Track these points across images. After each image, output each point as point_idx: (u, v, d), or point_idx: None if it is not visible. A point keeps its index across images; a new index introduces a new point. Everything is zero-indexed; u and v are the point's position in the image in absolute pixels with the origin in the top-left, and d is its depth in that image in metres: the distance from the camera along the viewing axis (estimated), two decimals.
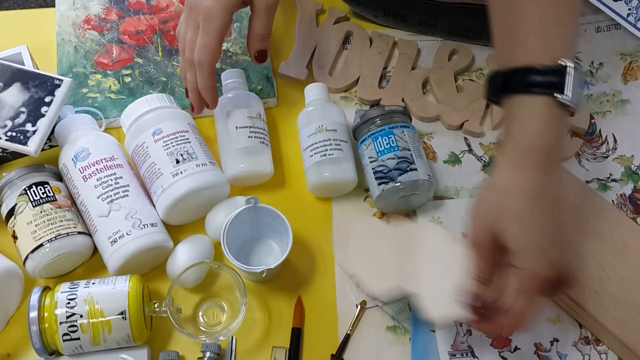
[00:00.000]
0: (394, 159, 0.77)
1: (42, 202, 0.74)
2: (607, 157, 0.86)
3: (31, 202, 0.74)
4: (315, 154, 0.80)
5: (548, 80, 0.61)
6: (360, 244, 0.76)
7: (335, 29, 0.95)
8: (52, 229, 0.72)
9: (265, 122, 0.84)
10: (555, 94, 0.61)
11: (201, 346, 0.72)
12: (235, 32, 0.94)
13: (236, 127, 0.80)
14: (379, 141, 0.79)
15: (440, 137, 0.88)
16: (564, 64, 0.61)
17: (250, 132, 0.80)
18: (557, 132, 0.63)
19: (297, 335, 0.74)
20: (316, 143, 0.80)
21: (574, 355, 0.73)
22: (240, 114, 0.81)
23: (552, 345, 0.74)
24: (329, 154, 0.79)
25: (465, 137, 0.88)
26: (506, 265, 0.63)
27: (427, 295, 0.70)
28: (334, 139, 0.80)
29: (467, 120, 0.87)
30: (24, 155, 0.83)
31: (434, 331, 0.74)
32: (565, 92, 0.61)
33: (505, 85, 0.64)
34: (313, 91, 0.86)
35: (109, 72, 0.90)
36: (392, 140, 0.78)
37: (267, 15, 0.76)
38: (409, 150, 0.78)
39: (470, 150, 0.87)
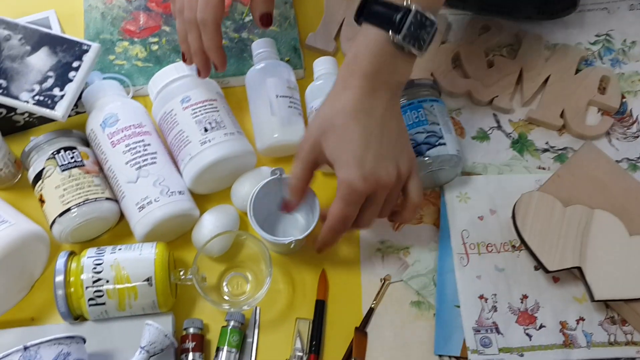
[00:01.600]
0: (422, 132, 0.76)
1: (70, 166, 0.74)
2: (637, 136, 0.85)
3: (59, 166, 0.74)
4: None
5: (387, 15, 0.64)
6: (537, 216, 0.75)
7: None
8: (80, 193, 0.72)
9: (298, 92, 0.84)
10: (389, 31, 0.64)
11: (225, 315, 0.72)
12: None
13: (277, 96, 0.79)
14: (408, 114, 0.78)
15: (468, 113, 0.87)
16: (408, 5, 0.63)
17: (290, 102, 0.80)
18: (386, 63, 0.65)
19: (320, 307, 0.74)
20: None
21: (599, 335, 0.73)
22: (280, 84, 0.81)
23: (577, 324, 0.73)
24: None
25: (494, 114, 0.87)
26: None
27: (593, 271, 0.72)
28: None
29: (497, 97, 0.86)
30: (51, 120, 0.83)
31: (459, 307, 0.74)
32: (398, 32, 0.63)
33: (359, 10, 0.67)
34: (322, 65, 0.85)
35: (135, 39, 0.89)
36: (420, 114, 0.78)
37: None
38: (438, 124, 0.77)
39: (499, 127, 0.86)
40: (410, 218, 0.71)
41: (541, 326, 0.73)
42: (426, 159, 0.75)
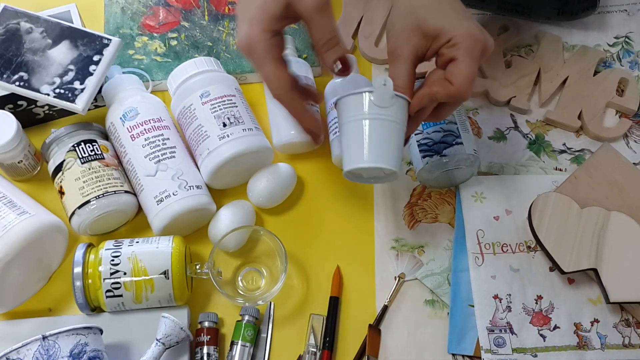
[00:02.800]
0: (439, 132, 0.77)
1: (90, 159, 0.74)
2: None
3: (80, 158, 0.74)
4: (331, 131, 0.80)
5: None
6: (554, 217, 0.75)
7: None
8: (99, 186, 0.73)
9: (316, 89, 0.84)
10: None
11: (240, 310, 0.73)
12: None
13: None
14: None
15: (486, 113, 0.87)
16: None
17: None
18: None
19: (334, 303, 0.74)
20: (334, 119, 0.80)
21: (614, 337, 0.73)
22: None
23: (592, 325, 0.73)
24: (337, 131, 0.79)
25: (511, 114, 0.87)
26: (438, 58, 0.65)
27: (609, 273, 0.72)
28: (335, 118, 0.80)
29: (515, 97, 0.86)
30: (71, 113, 0.84)
31: (473, 306, 0.74)
32: None
33: None
34: None
35: (155, 34, 0.90)
36: None
37: (321, 18, 0.63)
38: (455, 123, 0.77)
39: (516, 127, 0.86)
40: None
41: (555, 327, 0.73)
42: (443, 158, 0.75)
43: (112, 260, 0.69)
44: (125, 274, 0.69)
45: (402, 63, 0.65)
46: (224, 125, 0.75)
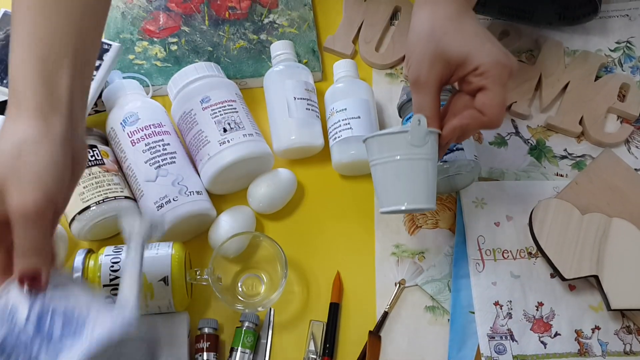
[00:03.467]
0: None
1: (90, 164, 0.74)
2: None
3: None
4: (331, 136, 0.80)
5: None
6: (555, 223, 0.75)
7: (383, 4, 0.94)
8: (100, 192, 0.73)
9: (316, 95, 0.84)
10: None
11: (239, 316, 0.72)
12: (282, 3, 0.93)
13: (295, 98, 0.80)
14: None
15: None
16: None
17: (307, 104, 0.80)
18: None
19: (335, 310, 0.74)
20: (334, 124, 0.80)
21: (615, 344, 0.72)
22: (298, 86, 0.81)
23: (593, 332, 0.73)
24: (337, 136, 0.79)
25: (512, 119, 0.87)
26: (463, 84, 0.64)
27: (610, 280, 0.72)
28: (342, 120, 0.79)
29: (515, 102, 0.86)
30: None
31: (473, 313, 0.74)
32: None
33: None
34: (342, 67, 0.85)
35: (155, 39, 0.90)
36: None
37: (25, 227, 0.49)
38: None
39: (517, 133, 0.86)
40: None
41: (556, 334, 0.73)
42: (443, 164, 0.75)
43: (112, 266, 0.69)
44: None
45: (427, 93, 0.63)
46: (225, 130, 0.75)
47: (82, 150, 0.56)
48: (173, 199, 0.73)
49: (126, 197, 0.75)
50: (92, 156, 0.75)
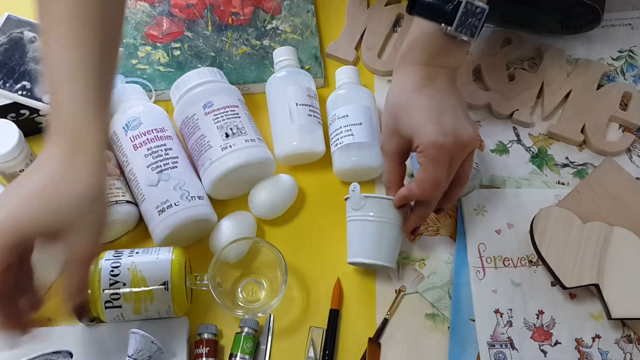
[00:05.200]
0: None
1: None
2: None
3: None
4: (332, 142, 0.81)
5: (438, 8, 0.65)
6: (556, 231, 0.75)
7: (386, 11, 0.94)
8: None
9: (318, 101, 0.84)
10: (442, 23, 0.66)
11: (239, 321, 0.72)
12: (285, 9, 0.94)
13: (297, 104, 0.80)
14: None
15: (488, 126, 0.87)
16: None
17: (309, 110, 0.80)
18: (440, 51, 0.68)
19: (334, 316, 0.74)
20: (335, 131, 0.80)
21: (615, 353, 0.72)
22: (301, 92, 0.81)
23: (593, 341, 0.73)
24: (339, 143, 0.79)
25: (514, 127, 0.87)
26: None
27: (611, 289, 0.72)
28: (343, 126, 0.80)
29: (517, 110, 0.86)
30: None
31: (474, 320, 0.73)
32: (450, 24, 0.65)
33: (411, 2, 0.66)
34: (344, 74, 0.85)
35: (158, 44, 0.90)
36: None
37: (80, 268, 0.57)
38: None
39: (519, 141, 0.86)
40: (454, 199, 0.72)
41: (556, 343, 0.72)
42: None
43: (112, 270, 0.69)
44: (124, 284, 0.68)
45: (387, 160, 0.72)
46: (227, 135, 0.75)
47: None
48: (174, 204, 0.73)
49: (127, 202, 0.75)
50: None
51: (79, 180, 0.54)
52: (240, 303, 0.75)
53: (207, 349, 0.70)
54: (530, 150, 0.85)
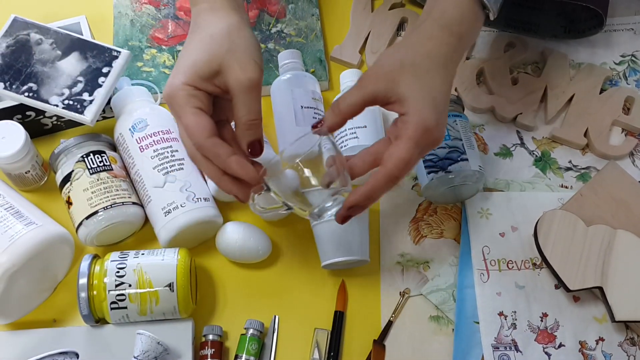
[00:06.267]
0: (444, 148, 0.77)
1: (99, 170, 0.75)
2: None
3: (88, 169, 0.75)
4: (338, 144, 0.81)
5: None
6: (559, 234, 0.75)
7: (390, 14, 0.95)
8: (108, 197, 0.73)
9: (323, 104, 0.84)
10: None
11: (244, 323, 0.72)
12: (289, 13, 0.94)
13: (302, 107, 0.80)
14: None
15: (492, 129, 0.87)
16: None
17: (314, 113, 0.80)
18: (471, 26, 0.66)
19: (339, 318, 0.74)
20: (339, 134, 0.81)
21: (619, 356, 0.72)
22: (306, 95, 0.81)
23: (597, 344, 0.73)
24: (344, 145, 0.79)
25: (517, 130, 0.87)
26: (394, 123, 0.64)
27: (615, 292, 0.72)
28: (348, 128, 0.80)
29: (521, 114, 0.86)
30: (78, 124, 0.84)
31: (478, 323, 0.74)
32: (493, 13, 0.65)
33: None
34: (349, 77, 0.85)
35: (163, 47, 0.90)
36: None
37: (249, 98, 0.61)
38: (461, 140, 0.77)
39: (522, 144, 0.86)
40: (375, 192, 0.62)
41: (560, 345, 0.73)
42: (448, 174, 0.75)
43: (118, 272, 0.69)
44: (130, 285, 0.69)
45: (358, 89, 0.63)
46: None
47: None
48: (181, 205, 0.73)
49: (134, 203, 0.75)
50: (100, 162, 0.75)
51: (222, 24, 0.62)
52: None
53: (213, 350, 0.71)
54: (533, 153, 0.85)
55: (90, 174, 0.74)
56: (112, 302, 0.69)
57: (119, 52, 0.80)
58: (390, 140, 0.64)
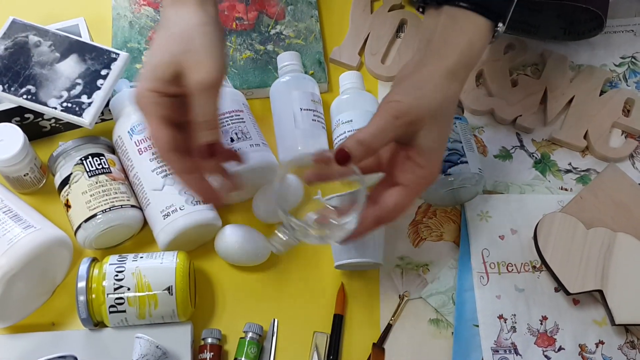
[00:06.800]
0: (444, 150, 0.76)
1: (97, 173, 0.75)
2: None
3: (87, 172, 0.74)
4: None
5: (502, 6, 0.64)
6: (559, 237, 0.75)
7: (390, 16, 0.95)
8: (106, 200, 0.73)
9: (322, 106, 0.84)
10: (499, 22, 0.64)
11: (243, 326, 0.72)
12: (288, 15, 0.94)
13: (301, 109, 0.80)
14: None
15: (491, 131, 0.87)
16: None
17: (313, 115, 0.80)
18: (478, 55, 0.64)
19: (338, 321, 0.74)
20: (339, 136, 0.81)
21: (618, 359, 0.72)
22: (305, 97, 0.81)
23: (597, 347, 0.73)
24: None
25: (517, 133, 0.87)
26: (403, 160, 0.63)
27: (615, 295, 0.72)
28: (348, 131, 0.80)
29: (521, 116, 0.86)
30: (77, 126, 0.84)
31: (477, 326, 0.73)
32: (504, 23, 0.64)
33: None
34: (348, 79, 0.85)
35: None
36: None
37: (204, 99, 0.59)
38: (460, 142, 0.77)
39: (522, 146, 0.86)
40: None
41: (560, 348, 0.73)
42: (448, 176, 0.75)
43: (116, 275, 0.69)
44: (129, 289, 0.69)
45: (381, 120, 0.60)
46: (232, 140, 0.75)
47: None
48: (179, 208, 0.73)
49: (132, 206, 0.75)
50: (98, 164, 0.75)
51: (183, 23, 0.61)
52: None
53: (211, 353, 0.70)
54: (533, 156, 0.85)
55: (89, 176, 0.74)
56: (111, 306, 0.69)
57: (118, 54, 0.80)
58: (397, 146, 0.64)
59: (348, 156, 0.59)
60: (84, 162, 0.75)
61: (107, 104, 0.81)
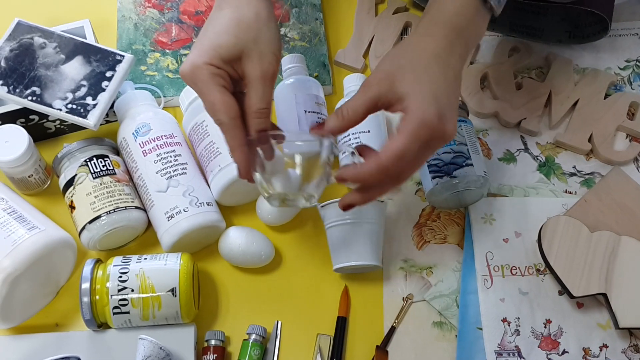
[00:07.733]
0: (449, 153, 0.76)
1: (102, 174, 0.75)
2: None
3: (91, 173, 0.74)
4: (340, 150, 0.80)
5: None
6: (563, 240, 0.75)
7: (394, 19, 0.95)
8: (110, 201, 0.73)
9: (326, 109, 0.84)
10: None
11: (247, 328, 0.72)
12: (293, 17, 0.94)
13: (305, 112, 0.80)
14: None
15: (496, 134, 0.87)
16: None
17: (318, 117, 0.80)
18: (469, 19, 0.64)
19: (342, 324, 0.74)
20: (344, 137, 0.81)
21: None
22: (309, 99, 0.81)
23: (601, 350, 0.72)
24: (349, 150, 0.79)
25: (521, 136, 0.87)
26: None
27: (619, 298, 0.72)
28: (352, 133, 0.80)
29: (525, 119, 0.86)
30: (81, 128, 0.84)
31: (481, 329, 0.73)
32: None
33: None
34: (353, 82, 0.85)
35: (167, 51, 0.90)
36: None
37: (262, 87, 0.62)
38: (466, 145, 0.77)
39: (526, 149, 0.86)
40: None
41: (564, 352, 0.72)
42: (453, 179, 0.75)
43: (120, 276, 0.69)
44: (132, 290, 0.69)
45: (361, 94, 0.63)
46: None
47: None
48: (183, 210, 0.73)
49: (137, 208, 0.75)
50: (103, 166, 0.75)
51: (252, 13, 0.62)
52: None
53: (215, 355, 0.70)
54: (537, 159, 0.85)
55: (93, 178, 0.74)
56: (115, 307, 0.69)
57: (123, 56, 0.80)
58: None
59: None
60: (89, 163, 0.75)
61: (112, 106, 0.81)
